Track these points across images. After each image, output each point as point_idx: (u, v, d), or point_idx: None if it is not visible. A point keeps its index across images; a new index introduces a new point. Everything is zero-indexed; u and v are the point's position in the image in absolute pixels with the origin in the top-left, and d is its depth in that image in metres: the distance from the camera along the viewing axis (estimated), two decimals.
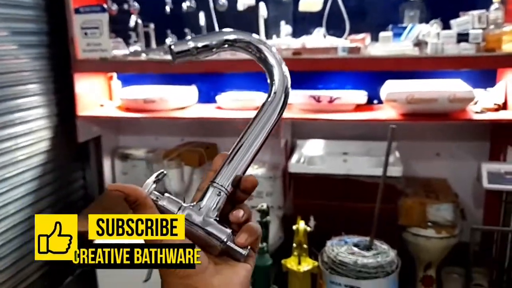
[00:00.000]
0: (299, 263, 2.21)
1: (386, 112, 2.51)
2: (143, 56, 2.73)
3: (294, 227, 2.26)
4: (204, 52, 0.54)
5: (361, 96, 2.59)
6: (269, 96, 0.58)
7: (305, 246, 2.22)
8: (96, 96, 2.87)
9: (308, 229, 2.25)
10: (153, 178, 0.53)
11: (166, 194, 0.52)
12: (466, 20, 2.34)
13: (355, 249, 2.10)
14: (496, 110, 2.40)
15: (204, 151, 2.76)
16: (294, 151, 2.75)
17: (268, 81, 0.59)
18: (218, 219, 0.52)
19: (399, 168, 2.43)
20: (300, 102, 2.59)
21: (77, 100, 2.67)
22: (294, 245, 2.23)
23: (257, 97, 2.71)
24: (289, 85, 0.58)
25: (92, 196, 2.99)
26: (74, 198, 2.92)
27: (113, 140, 3.12)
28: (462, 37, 2.30)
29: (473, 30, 2.30)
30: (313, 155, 2.72)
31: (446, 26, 2.41)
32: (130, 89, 2.92)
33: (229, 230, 0.51)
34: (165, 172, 0.55)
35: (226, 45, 0.55)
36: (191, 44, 0.53)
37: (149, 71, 2.76)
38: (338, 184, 2.50)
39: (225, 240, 0.50)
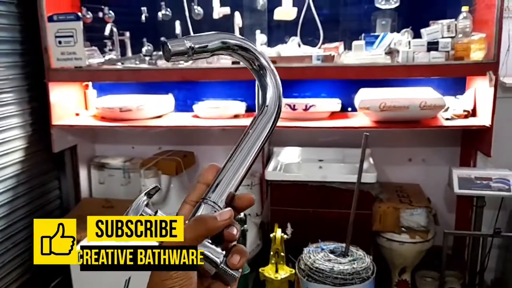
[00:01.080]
0: (277, 271, 2.22)
1: (360, 120, 2.55)
2: (119, 65, 2.73)
3: (272, 235, 2.27)
4: (200, 53, 0.50)
5: (335, 104, 2.63)
6: (261, 108, 0.55)
7: (282, 254, 2.24)
8: (71, 105, 2.85)
9: (285, 237, 2.27)
10: (143, 196, 0.49)
11: (159, 213, 0.49)
12: (435, 29, 2.40)
13: (332, 255, 2.13)
14: (466, 116, 2.46)
15: (182, 160, 2.76)
16: (271, 159, 2.77)
17: (260, 92, 0.56)
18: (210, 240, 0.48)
19: (373, 174, 2.47)
20: None
21: (52, 110, 2.65)
22: (272, 253, 2.25)
23: (234, 106, 2.73)
24: (281, 98, 0.55)
25: (68, 206, 2.96)
26: (49, 208, 2.88)
27: (89, 149, 3.10)
28: (432, 46, 2.36)
29: (442, 39, 2.37)
30: (289, 162, 2.75)
31: (417, 34, 2.47)
32: (106, 98, 2.90)
33: (223, 252, 0.48)
34: (159, 186, 0.52)
35: (223, 49, 0.52)
36: (187, 44, 0.49)
37: (125, 80, 2.75)
38: (314, 191, 2.53)
39: (219, 263, 0.47)
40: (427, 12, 2.57)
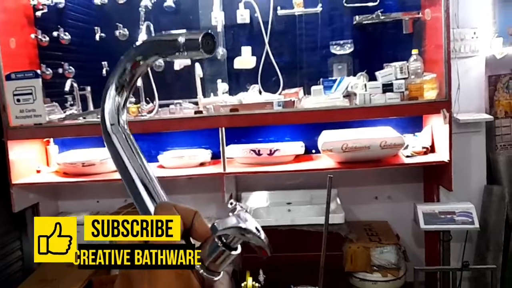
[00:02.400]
0: None
1: (324, 161, 2.59)
2: (80, 119, 2.70)
3: (243, 284, 2.23)
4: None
5: (299, 147, 2.67)
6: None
7: None
8: (32, 162, 2.78)
9: (257, 285, 2.23)
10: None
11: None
12: (389, 71, 2.51)
13: None
14: (425, 153, 2.54)
15: None
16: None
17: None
18: None
19: (341, 214, 2.49)
20: (241, 156, 2.63)
21: (11, 168, 2.58)
22: None
23: (199, 154, 2.73)
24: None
25: (31, 267, 2.83)
26: (11, 270, 2.75)
27: (52, 206, 3.00)
28: (387, 87, 2.46)
29: (396, 81, 2.47)
30: (258, 207, 2.74)
31: (372, 77, 2.57)
32: (68, 153, 2.85)
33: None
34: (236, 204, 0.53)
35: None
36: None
37: (86, 134, 2.71)
38: (285, 235, 2.52)
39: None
40: (380, 55, 2.69)
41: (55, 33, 2.81)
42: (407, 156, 2.51)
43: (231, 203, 0.53)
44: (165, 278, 0.41)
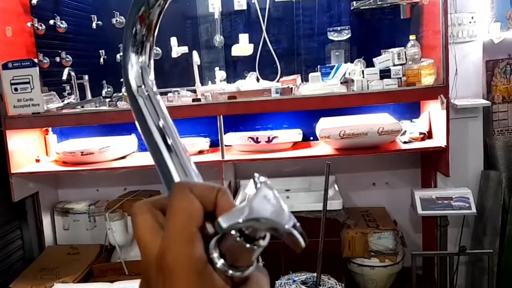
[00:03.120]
0: None
1: (322, 148, 2.60)
2: (78, 108, 2.70)
3: None
4: None
5: (296, 134, 2.67)
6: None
7: None
8: (31, 152, 2.79)
9: None
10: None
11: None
12: (386, 58, 2.50)
13: (303, 287, 2.13)
14: (423, 139, 2.55)
15: None
16: (238, 192, 2.77)
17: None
18: None
19: (339, 201, 2.51)
20: (240, 144, 2.64)
21: (10, 158, 2.58)
22: None
23: (197, 142, 2.73)
24: None
25: (32, 256, 2.85)
26: (12, 260, 2.77)
27: (52, 195, 3.02)
28: (385, 74, 2.45)
29: (394, 67, 2.47)
30: None
31: (369, 63, 2.57)
32: (67, 142, 2.86)
33: None
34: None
35: None
36: None
37: (85, 123, 2.72)
38: None
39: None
40: (378, 41, 2.68)
41: (51, 22, 2.80)
42: (405, 142, 2.52)
43: (256, 180, 0.37)
44: (183, 280, 0.33)
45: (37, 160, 2.81)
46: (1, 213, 2.68)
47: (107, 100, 2.78)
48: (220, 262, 0.34)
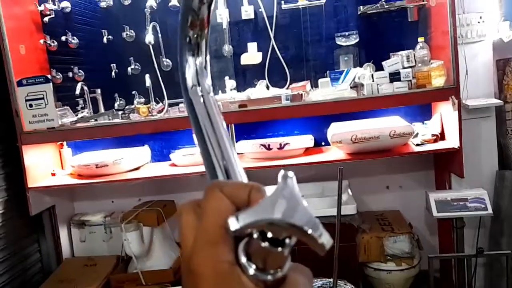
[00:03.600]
0: None
1: (334, 153, 2.60)
2: (92, 122, 2.74)
3: None
4: None
5: (308, 140, 2.68)
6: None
7: None
8: (46, 166, 2.83)
9: None
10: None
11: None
12: (395, 61, 2.50)
13: None
14: (435, 141, 2.53)
15: (162, 210, 2.74)
16: None
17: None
18: None
19: (353, 205, 2.50)
20: (252, 151, 2.65)
21: (26, 172, 2.63)
22: None
23: None
24: None
25: (50, 269, 2.89)
26: (30, 273, 2.81)
27: (68, 208, 3.06)
28: (394, 77, 2.45)
29: (403, 69, 2.47)
30: None
31: (378, 67, 2.57)
32: (82, 156, 2.90)
33: None
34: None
35: None
36: None
37: (98, 136, 2.76)
38: None
39: None
40: (386, 45, 2.68)
41: (63, 38, 2.85)
42: (417, 145, 2.51)
43: (281, 177, 0.34)
44: (208, 285, 0.32)
45: (53, 174, 2.86)
46: (19, 227, 2.72)
47: (120, 112, 2.82)
48: (249, 267, 0.32)
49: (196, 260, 0.33)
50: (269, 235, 0.31)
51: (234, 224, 0.31)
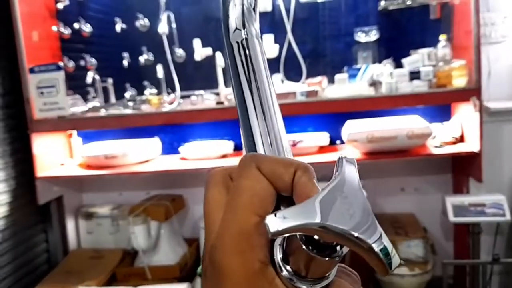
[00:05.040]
0: None
1: (349, 152, 2.52)
2: (103, 112, 2.70)
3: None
4: None
5: (323, 138, 2.61)
6: None
7: None
8: (56, 155, 2.80)
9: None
10: None
11: None
12: (416, 59, 2.43)
13: None
14: (454, 143, 2.45)
15: (170, 204, 2.70)
16: None
17: None
18: None
19: None
20: None
21: (35, 161, 2.59)
22: None
23: (221, 145, 2.70)
24: None
25: (56, 259, 2.86)
26: (37, 263, 2.78)
27: (76, 199, 3.02)
28: (414, 75, 2.37)
29: (423, 68, 2.38)
30: None
31: (398, 65, 2.49)
32: (91, 146, 2.86)
33: None
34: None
35: None
36: None
37: (109, 127, 2.72)
38: None
39: None
40: (407, 42, 2.61)
41: (76, 25, 2.81)
42: (436, 147, 2.43)
43: (339, 163, 0.30)
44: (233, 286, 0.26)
45: (62, 164, 2.82)
46: (26, 216, 2.69)
47: (131, 103, 2.77)
48: (285, 271, 0.26)
49: (222, 253, 0.27)
50: (316, 236, 0.26)
51: (274, 224, 0.25)
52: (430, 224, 2.69)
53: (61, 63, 2.65)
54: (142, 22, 2.74)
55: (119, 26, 2.78)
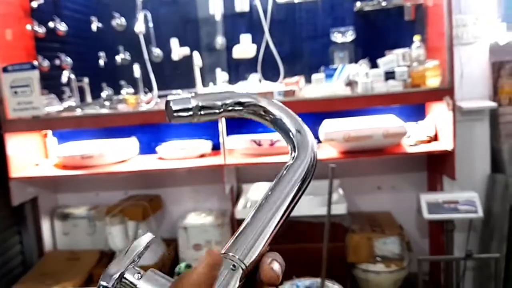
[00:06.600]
0: None
1: (326, 151, 2.55)
2: (78, 111, 2.67)
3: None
4: (208, 115, 0.46)
5: None
6: (292, 159, 0.47)
7: None
8: (30, 156, 2.75)
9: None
10: (141, 245, 0.40)
11: (150, 271, 0.39)
12: (391, 59, 2.47)
13: None
14: (429, 141, 2.50)
15: (148, 204, 2.68)
16: (240, 196, 2.73)
17: (285, 139, 0.48)
18: None
19: (344, 205, 2.46)
20: (242, 147, 2.60)
21: (9, 162, 2.54)
22: None
23: (199, 145, 2.69)
24: (315, 149, 0.48)
25: (32, 261, 2.81)
26: (11, 265, 2.73)
27: (51, 199, 2.98)
28: (389, 75, 2.41)
29: (398, 68, 2.43)
30: (258, 199, 2.71)
31: (374, 65, 2.53)
32: (67, 146, 2.82)
33: None
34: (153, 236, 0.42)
35: (235, 108, 0.47)
36: (193, 103, 0.45)
37: (85, 126, 2.68)
38: (286, 226, 2.49)
39: None
40: (382, 42, 2.64)
41: (51, 24, 2.77)
42: (411, 145, 2.47)
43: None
44: None
45: (37, 164, 2.78)
46: (0, 218, 2.64)
47: (107, 103, 2.75)
48: None
49: None
50: None
51: None
52: (406, 222, 2.74)
53: (35, 62, 2.60)
54: (119, 21, 2.72)
55: (95, 25, 2.75)
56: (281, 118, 0.48)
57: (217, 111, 0.46)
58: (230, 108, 0.47)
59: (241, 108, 0.47)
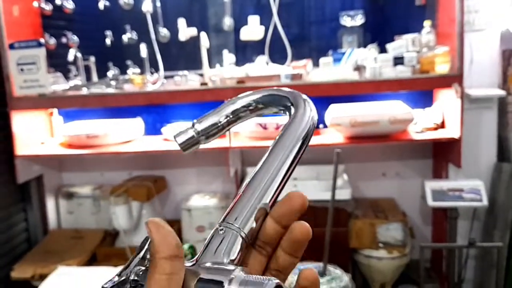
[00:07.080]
0: None
1: (332, 136, 2.54)
2: (84, 90, 2.66)
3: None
4: (213, 135, 0.46)
5: None
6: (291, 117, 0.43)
7: None
8: (36, 134, 2.76)
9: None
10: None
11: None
12: (400, 44, 2.43)
13: None
14: (435, 129, 2.48)
15: (153, 185, 2.69)
16: (244, 179, 2.73)
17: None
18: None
19: (348, 190, 2.46)
20: (248, 130, 2.59)
21: (15, 139, 2.55)
22: None
23: None
24: (312, 107, 0.43)
25: (36, 239, 2.84)
26: (16, 242, 2.75)
27: (56, 178, 2.99)
28: (398, 61, 2.39)
29: (407, 53, 2.40)
30: None
31: (382, 50, 2.50)
32: (72, 125, 2.82)
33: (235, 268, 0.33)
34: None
35: (234, 118, 0.46)
36: (191, 133, 0.46)
37: (90, 106, 2.68)
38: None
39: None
40: (392, 27, 2.61)
41: (58, 1, 2.75)
42: (417, 132, 2.46)
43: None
44: None
45: (42, 143, 2.78)
46: (6, 195, 2.65)
47: (113, 82, 2.74)
48: None
49: None
50: None
51: None
52: (409, 208, 2.74)
53: (42, 40, 2.59)
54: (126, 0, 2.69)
55: (102, 4, 2.73)
56: (271, 94, 0.46)
57: (220, 127, 0.46)
58: (233, 118, 0.47)
59: (239, 114, 0.47)
